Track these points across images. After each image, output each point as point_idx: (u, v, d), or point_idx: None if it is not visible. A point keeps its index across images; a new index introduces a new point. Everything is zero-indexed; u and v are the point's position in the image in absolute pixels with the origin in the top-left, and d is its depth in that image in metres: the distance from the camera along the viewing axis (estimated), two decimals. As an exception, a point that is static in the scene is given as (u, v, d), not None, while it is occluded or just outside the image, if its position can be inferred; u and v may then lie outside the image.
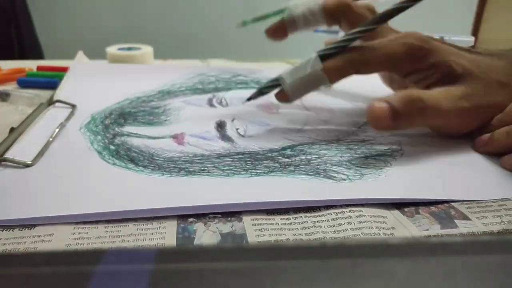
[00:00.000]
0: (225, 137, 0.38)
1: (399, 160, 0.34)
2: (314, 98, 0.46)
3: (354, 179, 0.31)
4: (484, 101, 0.35)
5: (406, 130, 0.39)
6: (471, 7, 1.82)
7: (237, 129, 0.39)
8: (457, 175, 0.32)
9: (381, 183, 0.31)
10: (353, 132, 0.39)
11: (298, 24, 0.43)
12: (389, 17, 0.35)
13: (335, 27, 0.45)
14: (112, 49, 0.62)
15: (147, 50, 0.63)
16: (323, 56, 0.35)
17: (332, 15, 0.42)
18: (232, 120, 0.41)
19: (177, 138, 0.38)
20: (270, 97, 0.42)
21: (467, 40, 0.50)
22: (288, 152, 0.35)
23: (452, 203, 0.28)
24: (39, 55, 1.40)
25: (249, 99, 0.39)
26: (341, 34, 0.51)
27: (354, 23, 0.40)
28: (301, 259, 0.17)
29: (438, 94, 0.34)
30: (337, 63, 0.35)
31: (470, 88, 0.35)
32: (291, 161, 0.34)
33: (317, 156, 0.34)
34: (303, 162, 0.33)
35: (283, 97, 0.38)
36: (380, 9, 0.39)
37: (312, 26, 0.44)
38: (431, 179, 0.32)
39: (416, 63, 0.36)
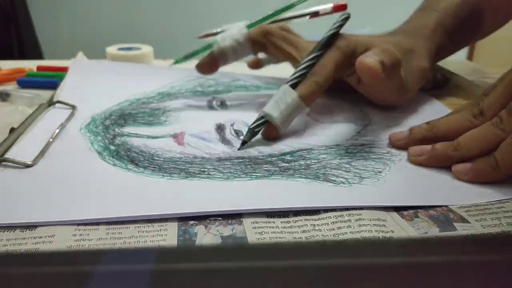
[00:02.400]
0: (225, 140, 0.38)
1: (397, 164, 0.34)
2: (314, 106, 0.46)
3: (354, 183, 0.31)
4: (404, 65, 0.41)
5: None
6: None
7: (236, 133, 0.39)
8: (455, 179, 0.32)
9: (380, 187, 0.31)
10: (352, 137, 0.39)
11: (227, 56, 0.46)
12: (330, 43, 0.40)
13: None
14: (112, 49, 0.62)
15: (147, 50, 0.63)
16: (293, 85, 0.39)
17: (258, 43, 0.46)
18: (232, 124, 0.41)
19: (177, 137, 0.38)
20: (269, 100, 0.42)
21: (365, 30, 0.54)
22: (287, 157, 0.35)
23: (451, 206, 0.29)
24: (39, 55, 1.40)
25: (243, 143, 0.38)
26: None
27: (280, 46, 0.46)
28: (301, 259, 0.17)
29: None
30: (308, 88, 0.39)
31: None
32: (291, 165, 0.34)
33: (316, 160, 0.34)
34: (303, 167, 0.33)
35: (272, 132, 0.39)
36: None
37: (240, 57, 0.47)
38: (429, 183, 0.32)
39: (350, 60, 0.39)
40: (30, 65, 0.59)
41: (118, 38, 0.91)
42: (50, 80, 0.52)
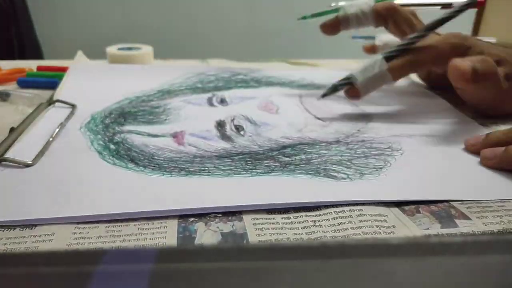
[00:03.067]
0: (225, 137, 0.38)
1: (398, 160, 0.34)
2: (315, 101, 0.46)
3: (354, 178, 0.31)
4: None
5: (407, 130, 0.39)
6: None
7: (237, 128, 0.39)
8: (456, 175, 0.32)
9: (381, 183, 0.31)
10: (352, 134, 0.39)
11: (350, 22, 0.50)
12: (438, 25, 0.41)
13: (372, 34, 0.55)
14: (112, 49, 0.62)
15: (147, 50, 0.63)
16: (387, 58, 0.41)
17: (381, 17, 0.49)
18: (232, 120, 0.40)
19: (177, 137, 0.38)
20: (270, 97, 0.42)
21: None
22: (288, 151, 0.35)
23: (452, 203, 0.28)
24: (39, 55, 1.40)
25: (324, 95, 0.42)
26: (378, 38, 0.58)
27: (400, 25, 0.48)
28: (301, 259, 0.17)
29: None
30: (399, 63, 0.41)
31: (507, 69, 0.41)
32: (292, 160, 0.34)
33: (317, 155, 0.34)
34: (304, 161, 0.33)
35: (355, 93, 0.42)
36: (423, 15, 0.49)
37: (362, 26, 0.50)
38: (430, 179, 0.32)
39: (459, 57, 0.39)
40: (30, 65, 0.59)
41: (118, 38, 0.91)
42: (50, 80, 0.52)
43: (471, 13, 1.85)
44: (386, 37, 0.58)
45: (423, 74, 0.53)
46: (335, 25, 0.50)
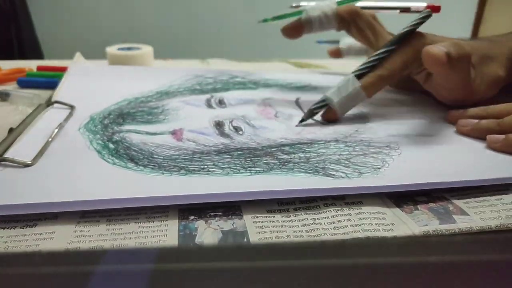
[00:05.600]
0: (223, 134, 0.38)
1: (396, 160, 0.34)
2: (313, 102, 0.47)
3: (353, 177, 0.31)
4: (479, 69, 0.43)
5: (405, 130, 0.40)
6: (471, 7, 1.83)
7: (235, 129, 0.39)
8: (456, 175, 0.32)
9: (379, 180, 0.31)
10: (350, 134, 0.39)
11: (313, 25, 0.49)
12: (403, 39, 0.42)
13: (336, 38, 0.55)
14: (112, 49, 0.62)
15: (147, 50, 0.63)
16: (358, 76, 0.42)
17: (343, 21, 0.49)
18: (231, 121, 0.41)
19: (176, 134, 0.38)
20: (268, 101, 0.43)
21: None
22: (287, 149, 0.35)
23: (451, 199, 0.29)
24: (39, 55, 1.41)
25: (302, 121, 0.42)
26: (343, 42, 0.58)
27: (362, 29, 0.48)
28: (301, 259, 0.17)
29: None
30: (371, 81, 0.41)
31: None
32: (290, 158, 0.34)
33: (316, 154, 0.35)
34: (302, 160, 0.33)
35: (332, 115, 0.42)
36: (382, 16, 0.50)
37: (325, 29, 0.50)
38: (429, 179, 0.32)
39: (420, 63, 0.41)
40: (30, 65, 0.60)
41: (118, 38, 0.91)
42: (50, 80, 0.53)
43: (471, 13, 1.85)
44: (349, 41, 0.58)
45: (394, 83, 0.53)
46: (298, 28, 0.49)
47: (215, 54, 0.77)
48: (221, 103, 0.46)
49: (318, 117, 0.43)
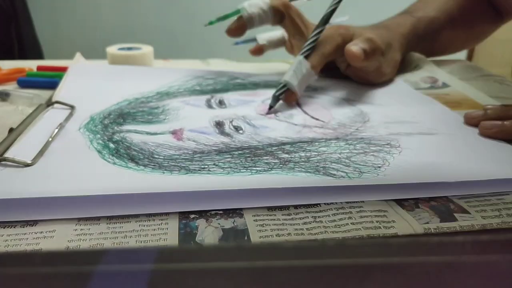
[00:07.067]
0: (224, 133, 0.38)
1: (397, 158, 0.34)
2: (313, 104, 0.47)
3: (353, 177, 0.31)
4: (385, 55, 0.51)
5: (405, 129, 0.40)
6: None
7: (236, 128, 0.39)
8: (456, 174, 0.32)
9: (380, 181, 0.31)
10: (351, 133, 0.39)
11: (254, 22, 0.52)
12: (329, 18, 0.48)
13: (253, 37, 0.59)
14: (112, 49, 0.62)
15: (147, 50, 0.63)
16: (306, 56, 0.47)
17: (278, 13, 0.53)
18: (231, 121, 0.41)
19: (176, 133, 0.38)
20: (268, 101, 0.43)
21: (343, 19, 0.60)
22: (287, 147, 0.35)
23: (451, 197, 0.29)
24: (39, 55, 1.40)
25: (270, 108, 0.45)
26: (260, 38, 0.60)
27: (294, 19, 0.53)
28: (301, 259, 0.17)
29: None
30: (316, 59, 0.47)
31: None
32: (291, 157, 0.34)
33: (316, 153, 0.34)
34: (303, 159, 0.33)
35: (292, 97, 0.46)
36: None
37: (263, 24, 0.53)
38: (429, 177, 0.32)
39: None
40: (30, 65, 0.59)
41: (118, 38, 0.91)
42: (50, 80, 0.52)
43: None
44: (266, 35, 0.59)
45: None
46: (241, 26, 0.53)
47: (215, 54, 0.77)
48: (221, 103, 0.46)
49: (320, 116, 0.43)
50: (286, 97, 0.46)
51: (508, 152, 0.36)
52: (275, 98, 0.45)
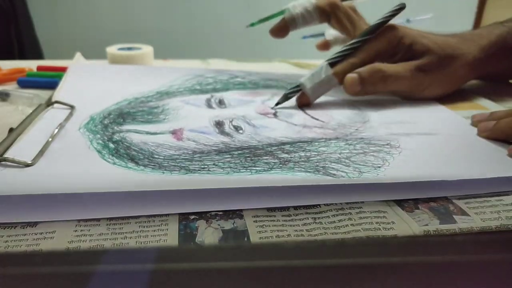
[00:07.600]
0: (224, 133, 0.38)
1: (397, 158, 0.34)
2: (313, 104, 0.47)
3: (353, 177, 0.31)
4: (436, 70, 0.46)
5: (405, 129, 0.40)
6: (471, 7, 1.82)
7: (235, 128, 0.39)
8: (455, 173, 0.32)
9: (379, 181, 0.31)
10: (351, 133, 0.39)
11: (297, 22, 0.51)
12: (376, 30, 0.45)
13: (321, 32, 0.59)
14: (112, 49, 0.62)
15: (147, 50, 0.63)
16: (331, 64, 0.45)
17: (324, 13, 0.51)
18: (231, 121, 0.41)
19: (176, 133, 0.38)
20: (268, 101, 0.43)
21: (426, 17, 0.60)
22: (287, 147, 0.35)
23: (451, 198, 0.29)
24: (39, 55, 1.40)
25: (277, 104, 0.45)
26: (328, 33, 0.61)
27: (341, 20, 0.51)
28: (301, 259, 0.17)
29: (398, 66, 0.46)
30: (343, 67, 0.45)
31: (427, 60, 0.46)
32: (291, 157, 0.34)
33: (316, 153, 0.35)
34: (303, 159, 0.33)
35: (305, 100, 0.46)
36: (360, 7, 0.54)
37: (308, 24, 0.52)
38: (429, 178, 0.32)
39: (394, 50, 0.46)
40: (30, 65, 0.60)
41: (118, 38, 0.91)
42: (50, 80, 0.53)
43: (471, 12, 1.85)
44: (334, 32, 0.59)
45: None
46: (284, 27, 0.52)
47: (215, 54, 0.77)
48: (221, 103, 0.46)
49: (320, 116, 0.43)
50: (299, 98, 0.46)
51: (506, 152, 0.36)
52: (285, 97, 0.45)
